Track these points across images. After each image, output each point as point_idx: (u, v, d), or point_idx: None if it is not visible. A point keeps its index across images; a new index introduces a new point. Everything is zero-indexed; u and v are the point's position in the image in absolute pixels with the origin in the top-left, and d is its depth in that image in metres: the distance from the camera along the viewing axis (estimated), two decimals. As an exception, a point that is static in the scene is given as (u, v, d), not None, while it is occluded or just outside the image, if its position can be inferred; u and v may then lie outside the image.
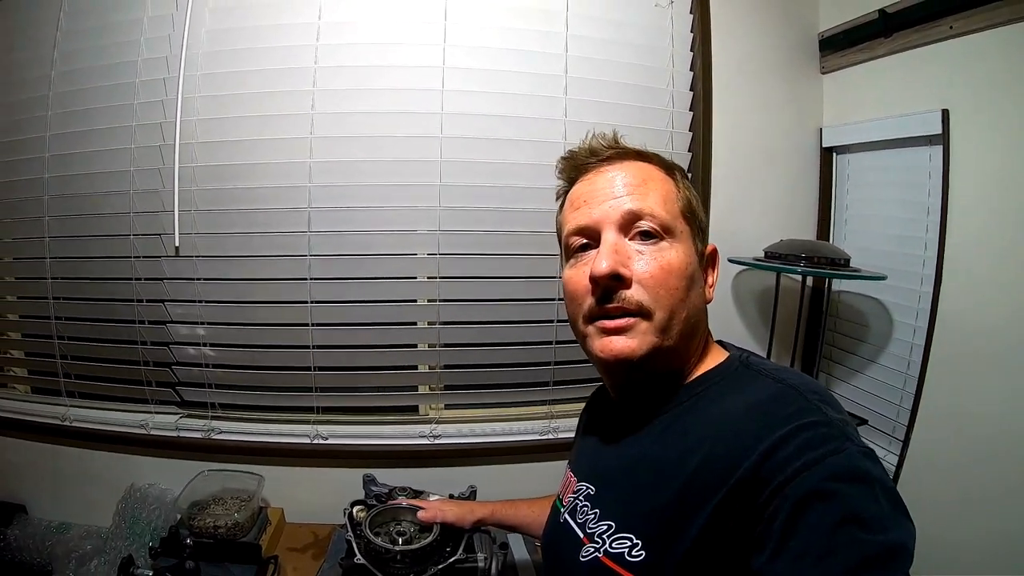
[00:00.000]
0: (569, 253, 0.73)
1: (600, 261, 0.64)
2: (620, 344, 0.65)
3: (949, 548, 1.17)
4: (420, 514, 1.04)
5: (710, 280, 0.74)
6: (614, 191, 0.69)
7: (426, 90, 1.43)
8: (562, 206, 0.78)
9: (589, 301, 0.67)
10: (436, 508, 1.03)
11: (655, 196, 0.68)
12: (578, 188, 0.74)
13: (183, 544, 1.11)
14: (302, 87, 1.41)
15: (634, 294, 0.64)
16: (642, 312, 0.64)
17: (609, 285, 0.65)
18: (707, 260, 0.74)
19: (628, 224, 0.67)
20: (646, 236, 0.66)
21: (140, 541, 1.29)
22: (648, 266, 0.65)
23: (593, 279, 0.65)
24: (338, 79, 1.42)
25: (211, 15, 1.42)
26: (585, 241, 0.70)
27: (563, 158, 0.78)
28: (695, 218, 0.71)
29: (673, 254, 0.66)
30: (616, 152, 0.74)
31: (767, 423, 0.56)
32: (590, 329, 0.68)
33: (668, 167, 0.74)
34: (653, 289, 0.64)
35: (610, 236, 0.67)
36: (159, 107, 1.41)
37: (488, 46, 1.45)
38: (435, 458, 1.52)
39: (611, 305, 0.65)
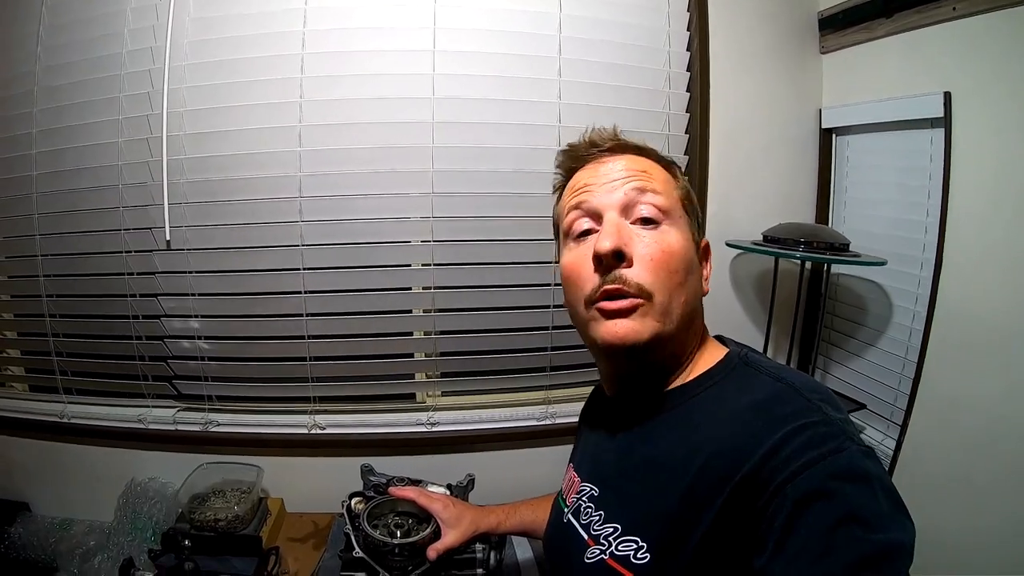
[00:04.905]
0: (568, 237, 0.73)
1: (603, 239, 0.64)
2: (624, 328, 0.64)
3: (945, 534, 1.17)
4: (429, 554, 0.98)
5: (705, 273, 0.74)
6: (616, 175, 0.70)
7: (417, 75, 1.40)
8: (560, 197, 0.78)
9: (592, 282, 0.66)
10: (442, 544, 0.99)
11: (655, 182, 0.69)
12: (579, 175, 0.74)
13: (181, 545, 1.12)
14: (290, 74, 1.38)
15: (635, 276, 0.64)
16: (643, 294, 0.64)
17: (611, 264, 0.64)
18: (701, 254, 0.74)
19: (630, 207, 0.68)
20: (647, 222, 0.67)
21: (142, 536, 1.29)
22: (649, 248, 0.65)
23: (596, 256, 0.65)
24: (327, 65, 1.39)
25: (195, 3, 1.38)
26: (587, 227, 0.70)
27: (562, 151, 0.78)
28: (693, 208, 0.73)
29: (673, 238, 0.67)
30: (616, 144, 0.74)
31: (768, 423, 0.56)
32: (592, 314, 0.67)
33: (666, 163, 0.75)
34: (654, 271, 0.64)
35: (612, 216, 0.67)
36: (145, 99, 1.38)
37: (479, 28, 1.42)
38: (433, 446, 1.53)
39: (611, 286, 0.64)
